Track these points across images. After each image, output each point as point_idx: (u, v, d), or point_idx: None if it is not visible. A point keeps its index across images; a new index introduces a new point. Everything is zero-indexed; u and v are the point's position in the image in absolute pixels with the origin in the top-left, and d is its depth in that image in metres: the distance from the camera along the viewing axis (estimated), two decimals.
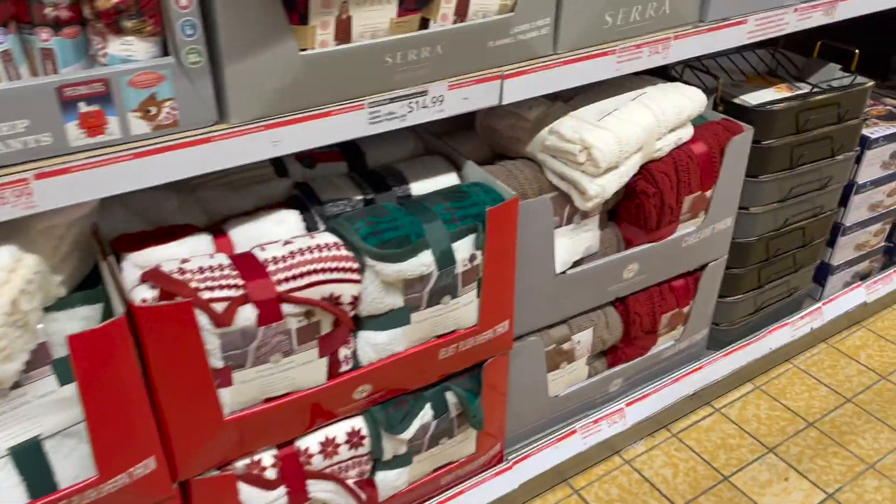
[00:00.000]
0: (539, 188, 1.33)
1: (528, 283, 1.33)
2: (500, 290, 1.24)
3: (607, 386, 1.61)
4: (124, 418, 0.96)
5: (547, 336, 1.43)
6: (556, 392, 1.51)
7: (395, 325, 1.15)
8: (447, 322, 1.20)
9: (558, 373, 1.49)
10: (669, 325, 1.62)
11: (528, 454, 1.51)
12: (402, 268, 1.07)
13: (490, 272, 1.20)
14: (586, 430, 1.58)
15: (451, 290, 1.16)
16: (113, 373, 0.92)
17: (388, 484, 1.28)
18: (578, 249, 1.39)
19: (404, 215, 1.13)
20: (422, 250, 1.10)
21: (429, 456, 1.32)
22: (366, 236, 1.08)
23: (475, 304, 1.22)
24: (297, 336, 1.04)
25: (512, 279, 1.26)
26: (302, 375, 1.08)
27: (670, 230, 1.47)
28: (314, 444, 1.17)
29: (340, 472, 1.21)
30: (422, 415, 1.25)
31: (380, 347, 1.14)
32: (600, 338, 1.50)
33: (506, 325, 1.29)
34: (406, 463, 1.29)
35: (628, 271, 1.46)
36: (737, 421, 1.76)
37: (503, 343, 1.31)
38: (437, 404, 1.27)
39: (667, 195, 1.39)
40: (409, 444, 1.26)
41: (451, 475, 1.40)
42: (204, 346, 0.97)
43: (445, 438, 1.32)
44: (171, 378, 0.98)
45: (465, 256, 1.16)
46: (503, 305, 1.27)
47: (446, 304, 1.17)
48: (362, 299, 1.09)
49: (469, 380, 1.32)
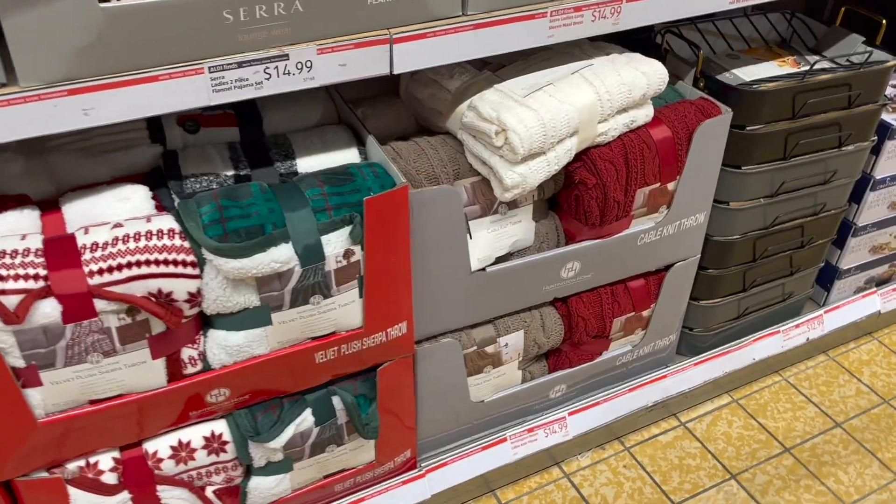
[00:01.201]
0: (456, 172, 1.14)
1: (437, 281, 1.16)
2: (391, 290, 1.08)
3: (546, 392, 1.43)
4: None
5: (466, 337, 1.26)
6: (480, 397, 1.35)
7: (253, 326, 1.00)
8: (322, 324, 1.04)
9: (482, 377, 1.32)
10: (624, 329, 1.42)
11: (445, 462, 1.36)
12: (242, 265, 0.92)
13: (374, 270, 1.03)
14: (518, 440, 1.42)
15: (320, 289, 1.00)
16: None
17: (265, 491, 1.16)
18: (504, 244, 1.21)
19: (265, 200, 0.97)
20: (275, 244, 0.94)
21: (314, 463, 1.18)
22: (208, 224, 0.93)
23: (357, 304, 1.06)
24: (118, 335, 0.91)
25: (407, 278, 1.09)
26: (132, 377, 0.95)
27: (620, 226, 1.27)
28: (164, 448, 1.04)
29: (201, 479, 1.09)
30: (298, 421, 1.11)
31: (233, 349, 1.00)
32: (534, 341, 1.33)
33: (402, 328, 1.13)
34: (285, 469, 1.16)
35: (567, 270, 1.27)
36: (702, 438, 1.57)
37: (401, 346, 1.15)
38: (321, 410, 1.13)
39: (611, 187, 1.18)
40: (285, 452, 1.13)
41: (349, 481, 1.27)
42: None
43: (333, 446, 1.18)
44: None
45: (338, 252, 0.99)
46: (397, 306, 1.10)
47: (317, 305, 1.02)
48: (205, 297, 0.95)
49: (363, 384, 1.17)
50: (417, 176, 1.12)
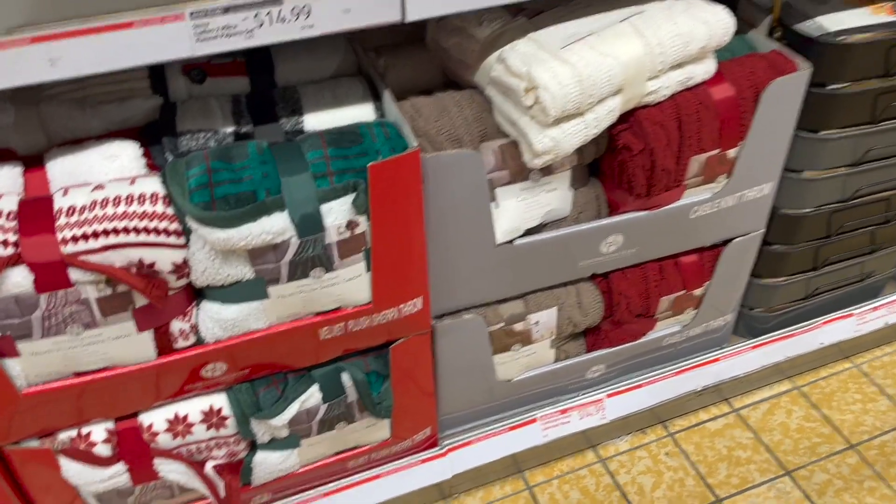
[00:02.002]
0: (482, 133, 1.02)
1: (458, 254, 1.05)
2: (402, 264, 0.98)
3: (583, 372, 1.32)
4: None
5: (492, 313, 1.16)
6: (507, 376, 1.25)
7: (248, 299, 0.92)
8: (325, 299, 0.96)
9: (509, 355, 1.22)
10: (673, 308, 1.29)
11: (469, 441, 1.28)
12: (230, 236, 0.83)
13: (382, 243, 0.93)
14: (549, 421, 1.32)
15: (321, 262, 0.91)
16: None
17: (271, 466, 1.10)
18: (535, 214, 1.08)
19: (261, 163, 0.88)
20: (268, 213, 0.85)
21: (323, 440, 1.12)
22: (194, 189, 0.84)
23: (364, 279, 0.96)
24: (98, 307, 0.84)
25: (421, 251, 0.99)
26: (118, 350, 0.89)
27: (670, 196, 1.12)
28: (160, 422, 0.99)
29: (200, 453, 1.03)
30: (304, 398, 1.04)
31: (227, 324, 0.92)
32: (569, 319, 1.21)
33: (417, 304, 1.03)
34: (292, 445, 1.10)
35: (608, 244, 1.14)
36: (756, 428, 1.44)
37: (416, 323, 1.06)
38: (328, 387, 1.05)
39: (660, 154, 1.04)
40: (291, 428, 1.06)
41: (363, 458, 1.20)
42: None
43: (343, 423, 1.11)
44: None
45: (340, 222, 0.89)
46: (410, 281, 1.00)
47: (318, 279, 0.93)
48: (192, 268, 0.87)
49: (375, 361, 1.09)
50: (438, 137, 1.00)
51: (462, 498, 1.33)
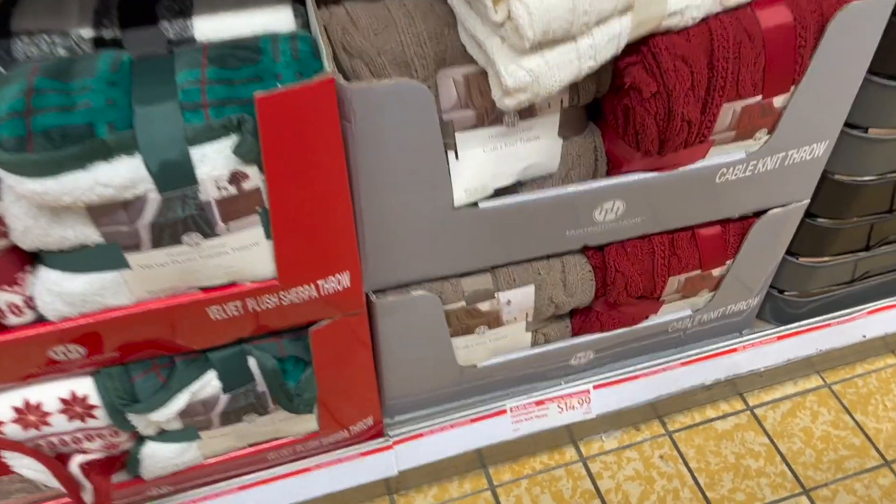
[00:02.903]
0: (440, 56, 0.75)
1: (404, 218, 0.80)
2: (317, 231, 0.73)
3: (566, 358, 1.09)
4: None
5: (452, 289, 0.91)
6: (471, 361, 1.02)
7: (100, 269, 0.68)
8: (210, 271, 0.72)
9: (474, 338, 0.98)
10: (684, 290, 1.04)
11: (421, 433, 1.06)
12: (46, 187, 0.58)
13: (282, 202, 0.68)
14: (522, 413, 1.09)
15: (197, 225, 0.67)
16: None
17: (164, 460, 0.89)
18: (510, 169, 0.82)
19: (108, 84, 0.62)
20: (107, 157, 0.60)
21: (230, 433, 0.90)
22: (5, 117, 0.59)
23: (264, 248, 0.72)
24: None
25: (345, 213, 0.74)
26: None
27: (691, 155, 0.85)
28: (5, 409, 0.78)
29: (66, 445, 0.82)
30: (196, 387, 0.81)
31: (74, 298, 0.69)
32: (549, 299, 0.96)
33: (343, 280, 0.79)
34: (189, 438, 0.89)
35: (605, 211, 0.88)
36: (773, 432, 1.20)
37: (344, 302, 0.82)
38: (230, 373, 0.83)
39: (680, 98, 0.77)
40: (184, 421, 0.85)
41: (288, 450, 0.99)
42: None
43: (254, 416, 0.89)
44: None
45: (220, 174, 0.64)
46: (330, 252, 0.76)
47: (196, 247, 0.68)
48: (9, 226, 0.63)
49: (293, 344, 0.86)
50: (378, 58, 0.73)
51: (411, 495, 1.12)
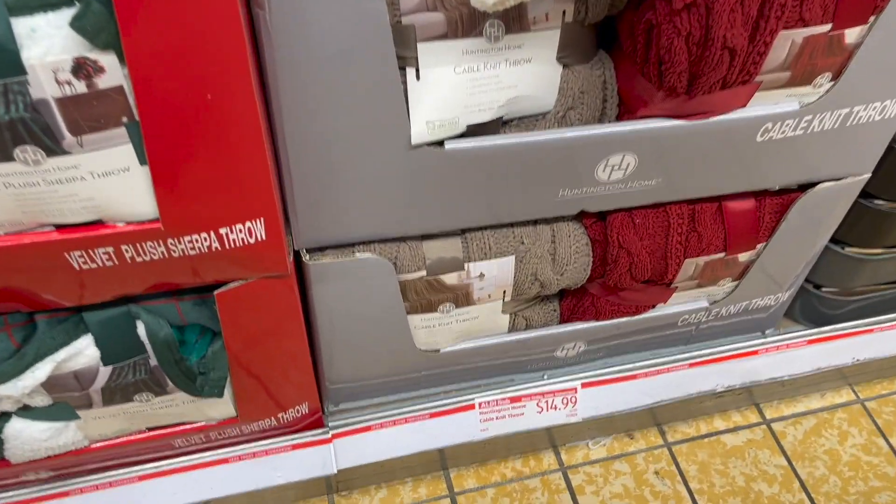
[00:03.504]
0: None
1: (344, 154, 0.61)
2: (215, 157, 0.53)
3: (552, 349, 0.90)
4: None
5: (410, 254, 0.72)
6: (434, 345, 0.83)
7: None
8: (62, 202, 0.53)
9: (437, 317, 0.79)
10: (701, 276, 0.84)
11: (368, 426, 0.88)
12: None
13: (157, 109, 0.49)
14: (493, 410, 0.91)
15: (32, 133, 0.47)
16: None
17: (33, 442, 0.71)
18: (488, 99, 0.62)
19: None
20: None
21: (118, 412, 0.72)
22: None
23: (138, 175, 0.53)
24: None
25: (255, 136, 0.54)
26: None
27: (730, 99, 0.65)
28: None
29: None
30: (62, 356, 0.63)
31: None
32: (533, 275, 0.77)
33: (256, 229, 0.60)
34: (64, 417, 0.70)
35: (611, 167, 0.69)
36: (791, 452, 1.01)
37: (261, 259, 0.63)
38: (112, 340, 0.65)
39: (722, 21, 0.56)
40: (53, 396, 0.67)
41: (199, 436, 0.81)
42: None
43: (148, 395, 0.71)
44: None
45: (58, 60, 0.45)
46: (235, 189, 0.56)
47: (34, 164, 0.49)
48: None
49: (198, 309, 0.67)
50: None
51: (355, 496, 0.94)
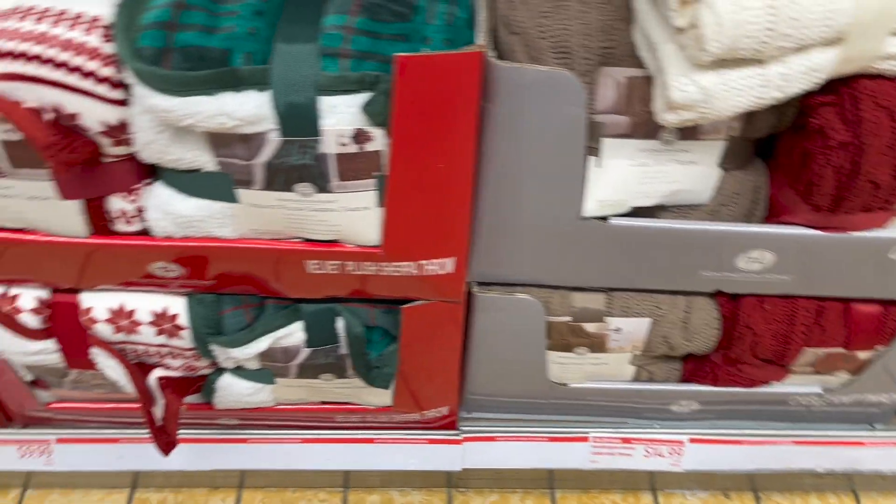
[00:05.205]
0: (606, 52, 0.68)
1: (526, 216, 0.74)
2: (432, 208, 0.69)
3: (667, 403, 1.00)
4: None
5: (560, 300, 0.85)
6: (563, 379, 0.95)
7: (211, 197, 0.67)
8: (316, 225, 0.69)
9: (571, 357, 0.91)
10: (818, 365, 0.92)
11: (494, 436, 1.01)
12: (171, 105, 0.57)
13: (401, 172, 0.64)
14: (604, 445, 1.02)
15: (311, 176, 0.64)
16: None
17: (238, 396, 0.89)
18: (654, 189, 0.74)
19: (255, 14, 0.60)
20: (237, 87, 0.58)
21: (304, 385, 0.89)
22: (148, 27, 0.58)
23: (373, 214, 0.68)
24: (5, 153, 0.63)
25: (464, 196, 0.69)
26: (37, 214, 0.68)
27: (868, 220, 0.74)
28: (101, 309, 0.79)
29: (150, 357, 0.84)
30: (281, 334, 0.80)
31: (181, 220, 0.69)
32: (664, 338, 0.88)
33: (447, 265, 0.75)
34: (265, 380, 0.88)
35: (751, 259, 0.79)
36: None
37: (444, 287, 0.78)
38: (318, 330, 0.81)
39: (872, 156, 0.66)
40: (262, 363, 0.84)
41: (357, 416, 0.97)
42: None
43: (331, 376, 0.87)
44: None
45: (345, 129, 0.61)
46: (440, 233, 0.71)
47: (306, 197, 0.66)
48: (134, 135, 0.63)
49: (385, 316, 0.83)
50: (539, 41, 0.67)
51: (470, 495, 1.08)
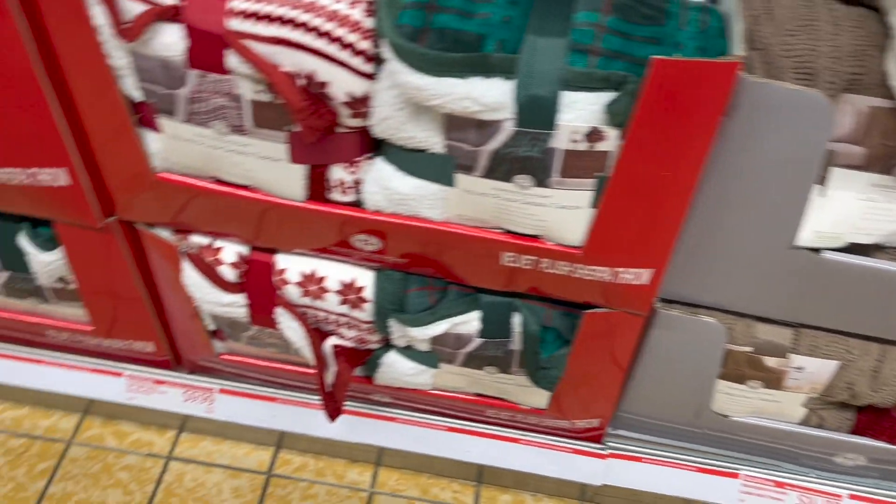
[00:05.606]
0: (851, 78, 0.65)
1: (732, 236, 0.72)
2: (646, 217, 0.67)
3: (830, 453, 0.94)
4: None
5: (743, 329, 0.82)
6: (726, 410, 0.92)
7: (429, 178, 0.68)
8: (523, 218, 0.69)
9: (741, 389, 0.88)
10: None
11: (639, 457, 0.99)
12: (424, 84, 0.58)
13: (627, 176, 0.64)
14: (755, 486, 0.98)
15: (533, 168, 0.64)
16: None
17: (400, 374, 0.91)
18: (876, 228, 0.70)
19: (510, 3, 0.61)
20: (486, 72, 0.59)
21: (465, 374, 0.90)
22: (408, 6, 0.60)
23: (583, 215, 0.68)
24: (252, 111, 0.66)
25: (681, 208, 0.67)
26: (263, 173, 0.71)
27: None
28: (294, 272, 0.82)
29: (328, 324, 0.87)
30: (458, 320, 0.81)
31: (396, 197, 0.70)
32: (848, 384, 0.83)
33: (643, 276, 0.73)
34: (429, 363, 0.89)
35: None
36: None
37: (633, 298, 0.76)
38: (493, 322, 0.82)
39: None
40: (432, 346, 0.86)
41: (507, 414, 0.97)
42: (104, 57, 0.65)
43: (494, 369, 0.88)
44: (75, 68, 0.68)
45: (580, 126, 0.61)
46: (646, 242, 0.70)
47: (523, 189, 0.66)
48: (373, 109, 0.65)
49: (562, 318, 0.82)
50: (781, 59, 0.65)
51: None
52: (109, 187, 0.79)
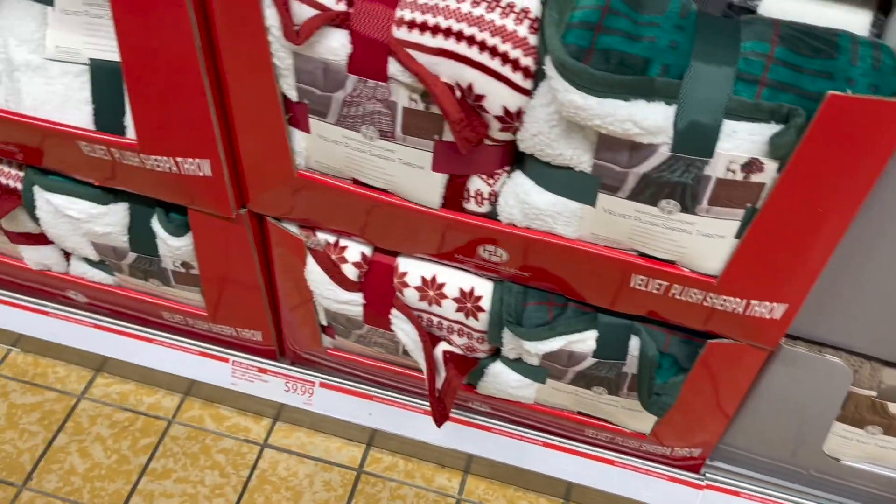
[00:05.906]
0: None
1: (876, 274, 0.70)
2: (791, 252, 0.66)
3: None
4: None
5: (869, 371, 0.80)
6: (837, 453, 0.90)
7: (569, 196, 0.68)
8: (661, 242, 0.69)
9: (858, 433, 0.86)
10: None
11: (738, 492, 0.97)
12: (585, 103, 0.58)
13: (780, 209, 0.62)
14: None
15: (682, 194, 0.64)
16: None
17: (504, 385, 0.91)
18: None
19: (676, 28, 0.61)
20: (649, 96, 0.58)
21: (571, 392, 0.89)
22: (575, 25, 0.60)
23: (726, 244, 0.67)
24: (402, 118, 0.67)
25: (829, 245, 0.66)
26: (404, 178, 0.73)
27: None
28: (414, 275, 0.84)
29: (440, 329, 0.88)
30: (574, 338, 0.81)
31: (532, 211, 0.71)
32: None
33: (777, 311, 0.72)
34: (536, 377, 0.89)
35: None
36: None
37: (761, 332, 0.75)
38: (609, 342, 0.81)
39: None
40: (542, 361, 0.85)
41: (605, 435, 0.97)
42: (270, 56, 0.67)
43: (602, 390, 0.87)
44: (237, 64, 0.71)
45: (738, 156, 0.60)
46: (786, 277, 0.69)
47: (666, 214, 0.66)
48: (524, 124, 0.65)
49: (681, 345, 0.81)
50: None
51: None
52: (246, 180, 0.81)
